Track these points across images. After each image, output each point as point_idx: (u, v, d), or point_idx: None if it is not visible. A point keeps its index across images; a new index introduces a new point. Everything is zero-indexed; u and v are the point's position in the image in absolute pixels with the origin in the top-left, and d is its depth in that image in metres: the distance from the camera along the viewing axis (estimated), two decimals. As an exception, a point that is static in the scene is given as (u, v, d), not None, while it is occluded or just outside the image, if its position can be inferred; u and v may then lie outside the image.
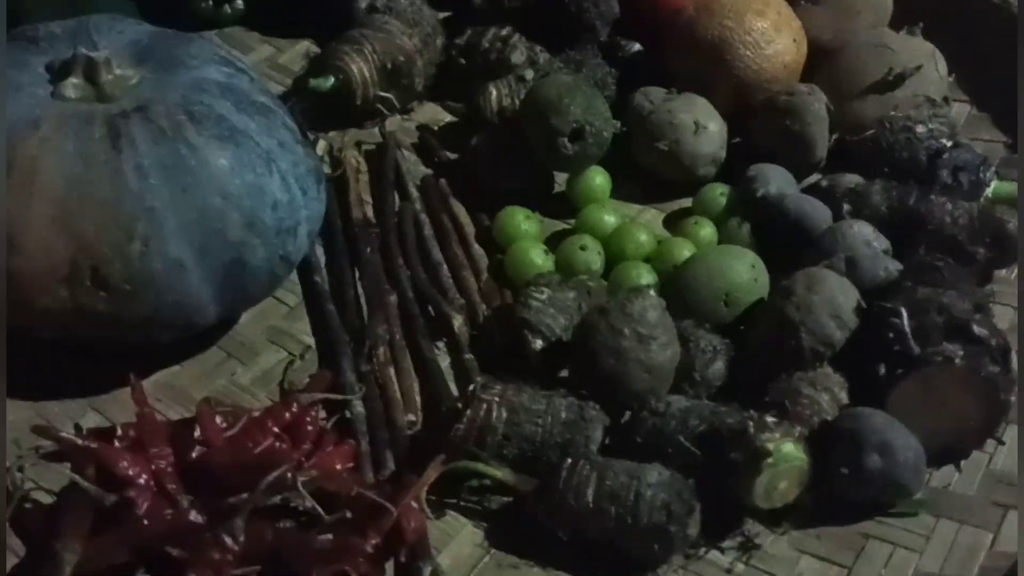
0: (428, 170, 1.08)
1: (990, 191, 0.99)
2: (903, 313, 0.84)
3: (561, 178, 1.06)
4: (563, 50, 1.13)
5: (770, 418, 0.78)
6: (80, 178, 0.79)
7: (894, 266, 0.91)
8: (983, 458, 0.84)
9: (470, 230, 1.01)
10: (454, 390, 0.88)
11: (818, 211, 0.97)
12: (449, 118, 1.14)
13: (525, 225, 1.00)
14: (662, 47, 1.12)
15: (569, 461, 0.77)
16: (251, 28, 1.22)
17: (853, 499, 0.80)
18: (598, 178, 1.04)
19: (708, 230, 1.00)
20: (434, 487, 0.78)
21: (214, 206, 0.81)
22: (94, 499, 0.72)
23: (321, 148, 1.07)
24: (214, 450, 0.77)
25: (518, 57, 1.11)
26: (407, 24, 1.12)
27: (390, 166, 1.06)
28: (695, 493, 0.76)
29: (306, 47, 1.20)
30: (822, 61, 1.10)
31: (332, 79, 1.08)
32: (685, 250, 0.97)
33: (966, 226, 0.93)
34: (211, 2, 1.18)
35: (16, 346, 0.79)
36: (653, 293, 0.85)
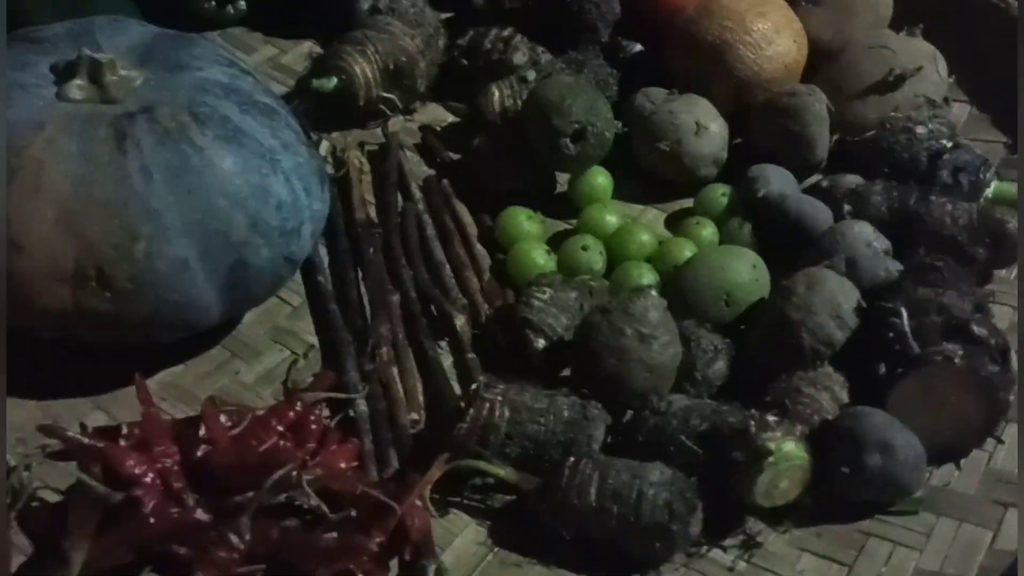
0: (431, 170, 1.08)
1: (990, 191, 1.00)
2: (903, 313, 0.84)
3: (563, 178, 1.06)
4: (565, 51, 1.13)
5: (771, 417, 0.79)
6: (85, 179, 0.79)
7: (894, 266, 0.91)
8: (983, 457, 0.84)
9: (472, 230, 1.02)
10: (457, 389, 0.88)
11: (819, 211, 0.97)
12: (451, 119, 1.14)
13: (527, 225, 1.00)
14: (663, 48, 1.12)
15: (571, 460, 0.78)
16: (254, 29, 1.22)
17: (854, 498, 0.80)
18: (600, 178, 1.04)
19: (709, 230, 1.00)
20: (437, 486, 0.79)
21: (218, 207, 0.81)
22: (101, 498, 0.72)
23: (324, 149, 1.07)
24: (219, 449, 0.77)
25: (520, 58, 1.12)
26: (409, 25, 1.12)
27: (393, 167, 1.06)
28: (697, 492, 0.77)
29: (309, 48, 1.20)
30: (822, 62, 1.11)
31: (335, 80, 1.08)
32: (686, 250, 0.97)
33: (966, 226, 0.94)
34: (214, 3, 1.18)
35: (20, 346, 0.79)
36: (655, 293, 0.85)
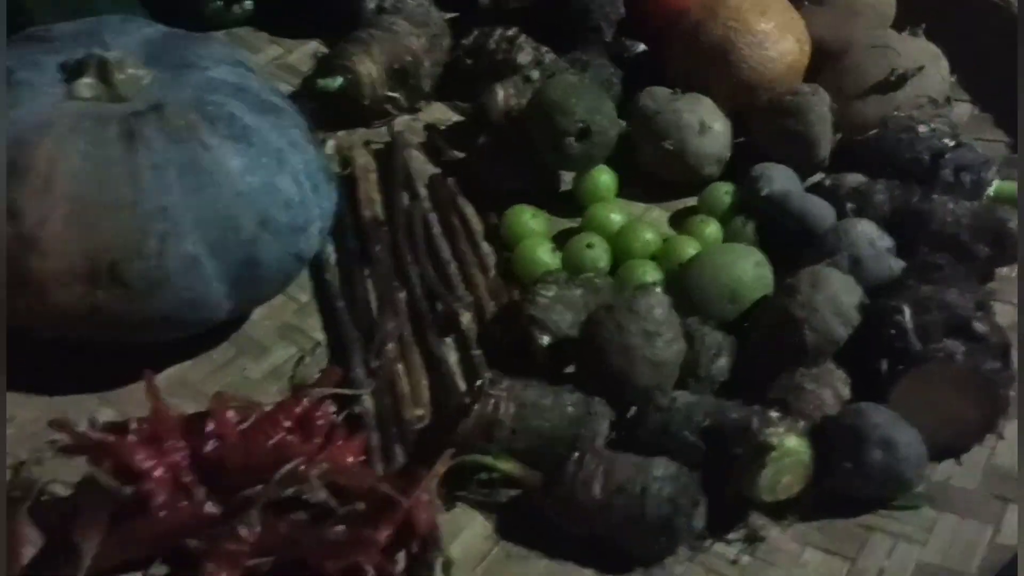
0: (436, 169, 1.08)
1: (992, 190, 1.00)
2: (905, 310, 0.84)
3: (567, 177, 1.06)
4: (569, 51, 1.14)
5: (774, 413, 0.79)
6: (95, 177, 0.79)
7: (897, 265, 0.92)
8: (984, 453, 0.84)
9: (478, 228, 1.02)
10: (462, 386, 0.88)
11: (822, 210, 0.97)
12: (456, 118, 1.14)
13: (532, 223, 1.01)
14: (667, 48, 1.12)
15: (576, 455, 0.78)
16: (259, 29, 1.22)
17: (855, 493, 0.80)
18: (604, 177, 1.04)
19: (713, 228, 1.00)
20: (444, 480, 0.79)
21: (228, 204, 0.81)
22: (112, 492, 0.72)
23: (330, 148, 1.07)
24: (227, 444, 0.77)
25: (524, 58, 1.12)
26: (415, 25, 1.13)
27: (398, 165, 1.06)
28: (700, 486, 0.77)
29: (314, 48, 1.20)
30: (825, 62, 1.11)
31: (340, 79, 1.09)
32: (690, 248, 0.97)
33: (968, 225, 0.94)
34: (220, 2, 1.19)
35: (29, 343, 0.80)
36: (659, 290, 0.86)
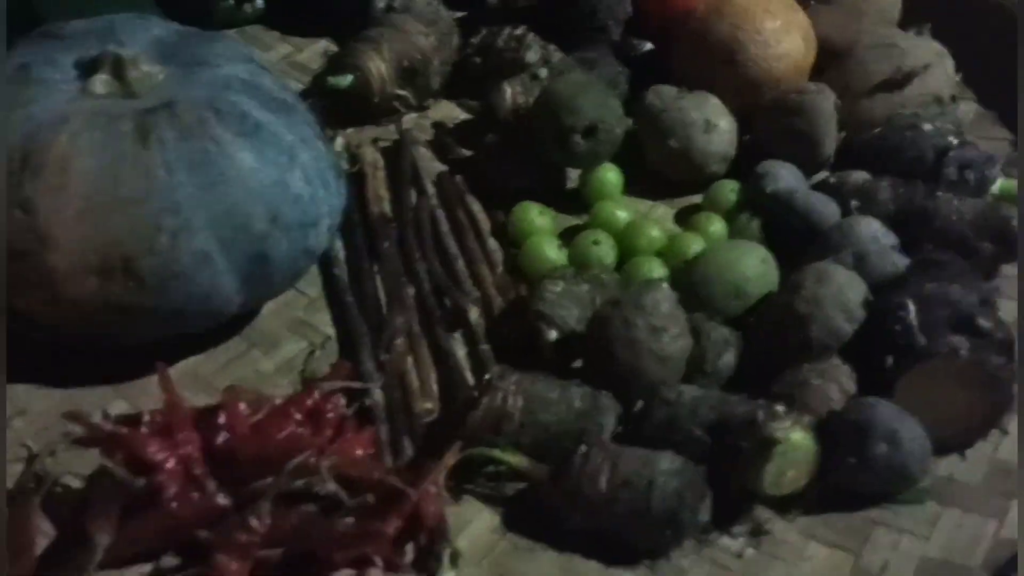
0: (444, 167, 1.09)
1: (996, 188, 1.00)
2: (910, 306, 0.85)
3: (574, 174, 1.07)
4: (576, 49, 1.14)
5: (779, 407, 0.79)
6: (109, 173, 0.80)
7: (901, 261, 0.92)
8: (988, 448, 0.85)
9: (485, 225, 1.03)
10: (470, 380, 0.89)
11: (827, 207, 0.97)
12: (464, 116, 1.15)
13: (539, 220, 1.01)
14: (673, 47, 1.13)
15: (583, 449, 0.78)
16: (270, 27, 1.23)
17: (860, 487, 0.81)
18: (610, 174, 1.05)
19: (718, 225, 1.01)
20: (452, 473, 0.80)
21: (239, 200, 0.82)
22: (124, 484, 0.73)
23: (339, 145, 1.08)
24: (239, 436, 0.77)
25: (532, 56, 1.13)
26: (424, 23, 1.13)
27: (407, 163, 1.07)
28: (706, 480, 0.78)
29: (324, 46, 1.21)
30: (831, 60, 1.11)
31: (350, 77, 1.09)
32: (696, 245, 0.98)
33: (972, 222, 0.94)
34: (232, 1, 1.20)
35: (42, 336, 0.81)
36: (665, 286, 0.86)
